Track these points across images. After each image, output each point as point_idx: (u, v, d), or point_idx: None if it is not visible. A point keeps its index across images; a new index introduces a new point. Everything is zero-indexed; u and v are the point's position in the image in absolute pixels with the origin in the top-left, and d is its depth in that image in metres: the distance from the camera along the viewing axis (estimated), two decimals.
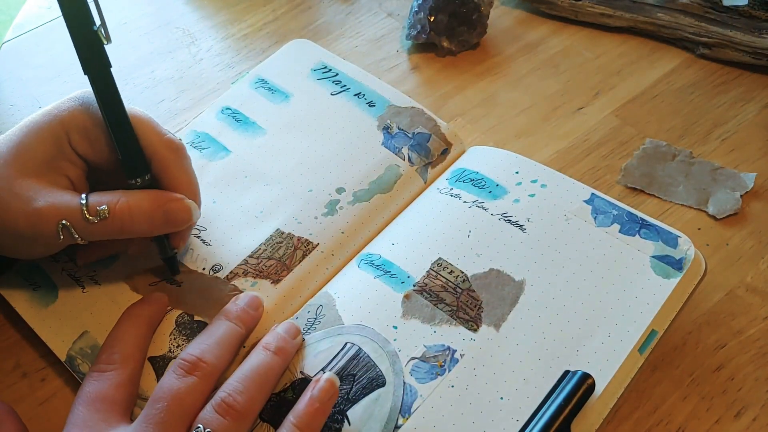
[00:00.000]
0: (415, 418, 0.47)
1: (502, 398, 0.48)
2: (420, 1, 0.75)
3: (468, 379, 0.49)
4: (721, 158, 0.67)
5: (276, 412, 0.48)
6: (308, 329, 0.52)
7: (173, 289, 0.55)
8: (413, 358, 0.50)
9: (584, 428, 0.47)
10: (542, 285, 0.53)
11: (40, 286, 0.56)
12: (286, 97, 0.67)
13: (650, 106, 0.71)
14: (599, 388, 0.48)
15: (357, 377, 0.49)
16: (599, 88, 0.73)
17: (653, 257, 0.53)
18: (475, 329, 0.51)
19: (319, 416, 0.47)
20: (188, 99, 0.73)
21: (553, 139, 0.69)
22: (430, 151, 0.63)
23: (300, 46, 0.72)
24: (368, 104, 0.66)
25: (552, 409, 0.46)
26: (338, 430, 0.47)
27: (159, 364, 0.52)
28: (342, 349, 0.51)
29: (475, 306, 0.52)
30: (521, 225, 0.56)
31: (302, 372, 0.50)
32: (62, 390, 0.54)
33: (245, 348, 0.52)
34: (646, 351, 0.50)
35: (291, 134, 0.64)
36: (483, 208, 0.57)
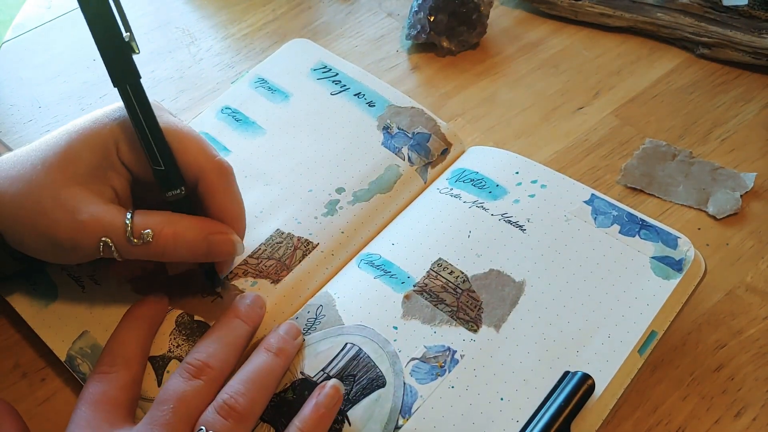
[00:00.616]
0: (416, 419, 0.47)
1: (502, 399, 0.48)
2: (420, 1, 0.75)
3: (468, 380, 0.49)
4: (721, 158, 0.67)
5: (276, 413, 0.48)
6: (308, 329, 0.52)
7: (173, 289, 0.55)
8: (413, 359, 0.50)
9: (584, 429, 0.47)
10: (542, 286, 0.53)
11: (40, 286, 0.56)
12: (286, 97, 0.67)
13: (650, 106, 0.71)
14: (599, 389, 0.48)
15: (357, 378, 0.49)
16: (599, 88, 0.73)
17: (653, 258, 0.53)
18: (476, 330, 0.51)
19: (324, 421, 0.47)
20: (188, 99, 0.73)
21: (553, 139, 0.69)
22: (430, 151, 0.63)
23: (300, 46, 0.71)
24: (368, 104, 0.66)
25: (552, 410, 0.46)
26: (339, 431, 0.47)
27: (159, 364, 0.52)
28: (342, 350, 0.51)
29: (475, 306, 0.52)
30: (521, 225, 0.56)
31: (302, 372, 0.50)
32: (62, 390, 0.54)
33: (247, 348, 0.52)
34: (646, 352, 0.50)
35: (291, 134, 0.64)
36: (483, 209, 0.57)
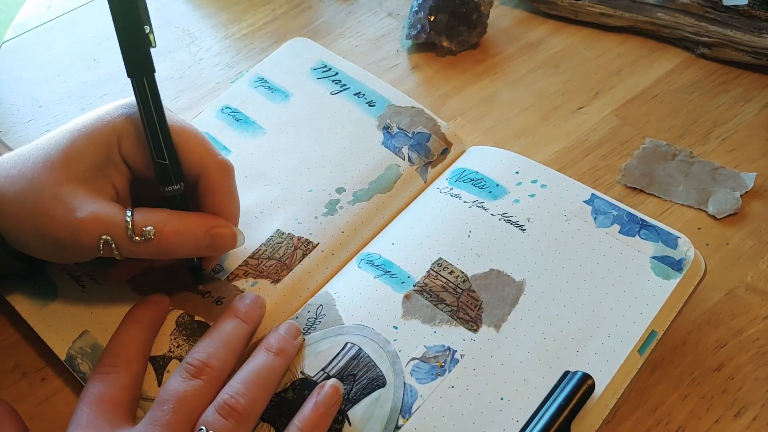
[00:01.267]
0: (416, 419, 0.47)
1: (503, 399, 0.48)
2: (420, 1, 0.75)
3: (468, 380, 0.49)
4: (721, 158, 0.67)
5: (276, 413, 0.48)
6: (308, 329, 0.52)
7: (174, 289, 0.55)
8: (413, 359, 0.50)
9: (584, 429, 0.47)
10: (542, 285, 0.53)
11: (40, 286, 0.56)
12: (286, 97, 0.67)
13: (650, 106, 0.71)
14: (599, 389, 0.48)
15: (357, 377, 0.49)
16: (599, 88, 0.73)
17: (653, 258, 0.53)
18: (476, 330, 0.51)
19: (324, 421, 0.47)
20: (188, 98, 0.73)
21: (553, 139, 0.69)
22: (430, 151, 0.63)
23: (300, 45, 0.71)
24: (368, 104, 0.66)
25: (552, 410, 0.46)
26: (339, 431, 0.47)
27: (159, 364, 0.52)
28: (342, 349, 0.51)
29: (476, 306, 0.52)
30: (521, 225, 0.56)
31: (303, 372, 0.50)
32: (62, 389, 0.54)
33: (247, 348, 0.52)
34: (646, 352, 0.50)
35: (291, 134, 0.64)
36: (483, 208, 0.57)
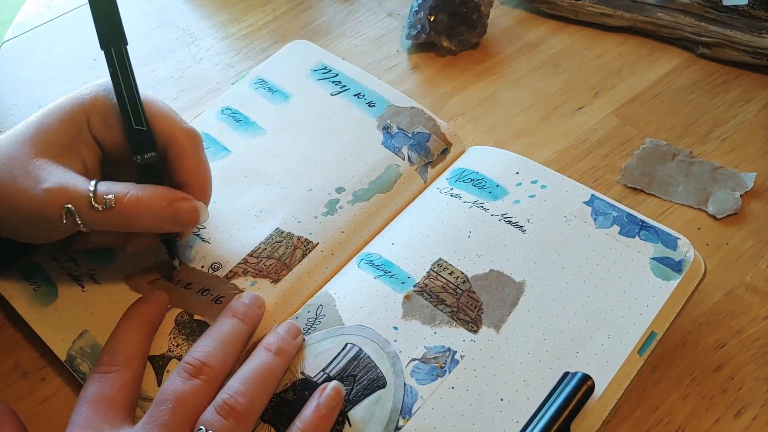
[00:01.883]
0: (416, 420, 0.47)
1: (502, 399, 0.48)
2: (420, 1, 0.75)
3: (468, 381, 0.49)
4: (721, 158, 0.67)
5: (277, 413, 0.48)
6: (308, 329, 0.52)
7: (173, 288, 0.55)
8: (414, 359, 0.50)
9: (584, 429, 0.47)
10: (542, 286, 0.53)
11: (40, 286, 0.56)
12: (286, 98, 0.67)
13: (650, 106, 0.71)
14: (599, 390, 0.48)
15: (358, 378, 0.49)
16: (599, 88, 0.73)
17: (653, 259, 0.53)
18: (476, 330, 0.51)
19: (326, 423, 0.47)
20: (188, 98, 0.73)
21: (553, 139, 0.69)
22: (430, 151, 0.63)
23: (300, 47, 0.72)
24: (368, 104, 0.66)
25: (552, 411, 0.46)
26: None
27: (158, 364, 0.52)
28: (342, 350, 0.51)
29: (476, 307, 0.52)
30: (521, 226, 0.56)
31: (303, 373, 0.50)
32: (62, 389, 0.54)
33: (247, 348, 0.52)
34: (646, 353, 0.50)
35: (291, 134, 0.64)
36: (483, 209, 0.57)
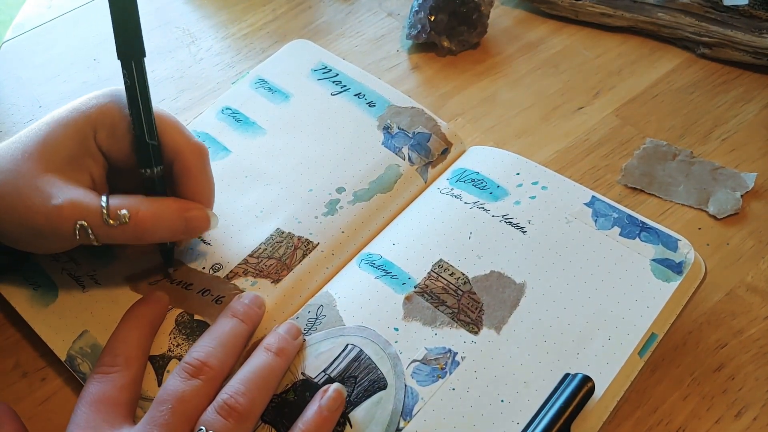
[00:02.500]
0: (417, 421, 0.47)
1: (503, 401, 0.48)
2: (420, 1, 0.75)
3: (469, 382, 0.49)
4: (722, 158, 0.67)
5: (278, 414, 0.48)
6: (309, 330, 0.52)
7: (173, 289, 0.55)
8: (414, 361, 0.50)
9: (584, 431, 0.47)
10: (543, 288, 0.53)
11: (40, 286, 0.56)
12: (286, 98, 0.67)
13: (650, 106, 0.71)
14: (599, 391, 0.48)
15: (358, 379, 0.49)
16: (599, 88, 0.73)
17: (653, 260, 0.53)
18: (476, 332, 0.51)
19: (328, 425, 0.47)
20: (188, 98, 0.73)
21: (553, 139, 0.69)
22: (430, 151, 0.63)
23: (300, 47, 0.72)
24: (368, 104, 0.66)
25: (552, 412, 0.46)
26: None
27: (159, 364, 0.52)
28: (343, 351, 0.51)
29: (476, 308, 0.52)
30: (522, 227, 0.56)
31: (303, 373, 0.50)
32: (62, 389, 0.54)
33: (247, 348, 0.52)
34: (646, 354, 0.50)
35: (291, 134, 0.64)
36: (484, 210, 0.57)
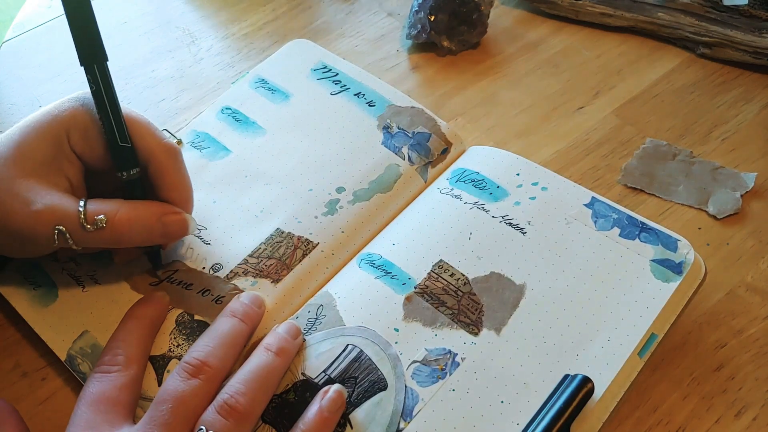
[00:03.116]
0: (417, 422, 0.47)
1: (503, 402, 0.48)
2: (420, 1, 0.75)
3: (469, 383, 0.49)
4: (722, 158, 0.67)
5: (278, 414, 0.48)
6: (309, 329, 0.52)
7: (174, 289, 0.56)
8: (415, 362, 0.50)
9: None
10: (543, 289, 0.53)
11: (40, 286, 0.56)
12: (286, 97, 0.67)
13: (650, 106, 0.71)
14: (599, 392, 0.48)
15: (359, 380, 0.49)
16: (599, 88, 0.73)
17: (653, 261, 0.53)
18: (476, 333, 0.51)
19: (328, 426, 0.47)
20: (188, 98, 0.73)
21: (554, 139, 0.69)
22: (431, 151, 0.63)
23: (300, 46, 0.72)
24: (368, 104, 0.66)
25: (552, 413, 0.46)
26: None
27: (159, 363, 0.52)
28: (343, 351, 0.51)
29: (476, 309, 0.52)
30: (522, 228, 0.56)
31: (303, 374, 0.50)
32: (62, 389, 0.54)
33: (247, 347, 0.52)
34: (646, 355, 0.50)
35: (291, 134, 0.64)
36: (484, 210, 0.57)
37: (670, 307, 0.51)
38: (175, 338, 0.53)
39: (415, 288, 0.53)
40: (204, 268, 0.56)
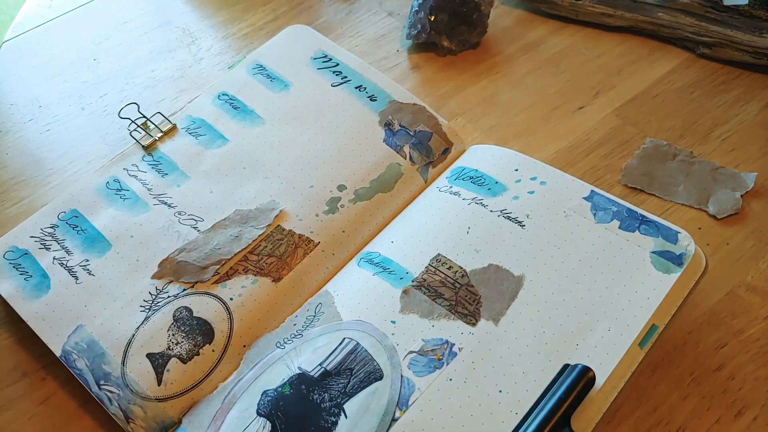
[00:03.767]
0: (413, 411, 0.47)
1: (501, 391, 0.48)
2: (420, 1, 0.75)
3: (466, 373, 0.49)
4: (722, 158, 0.66)
5: (273, 407, 0.48)
6: (307, 326, 0.52)
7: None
8: (411, 352, 0.50)
9: (584, 422, 0.46)
10: (541, 280, 0.53)
11: (32, 276, 0.56)
12: (286, 86, 0.67)
13: (650, 106, 0.71)
14: (599, 382, 0.47)
15: (354, 371, 0.49)
16: (599, 88, 0.73)
17: (653, 253, 0.53)
18: (474, 323, 0.51)
19: None
20: (188, 98, 0.73)
21: (554, 139, 0.69)
22: (432, 150, 0.63)
23: (299, 33, 0.71)
24: (369, 98, 0.65)
25: (551, 403, 0.46)
26: (335, 424, 0.47)
27: (158, 362, 0.51)
28: (340, 344, 0.51)
29: (474, 300, 0.52)
30: (520, 221, 0.56)
31: (300, 367, 0.50)
32: (62, 389, 0.54)
33: (246, 347, 0.52)
34: (647, 345, 0.49)
35: (291, 126, 0.64)
36: (482, 205, 0.57)
37: (671, 299, 0.51)
38: (174, 335, 0.52)
39: (413, 281, 0.53)
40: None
